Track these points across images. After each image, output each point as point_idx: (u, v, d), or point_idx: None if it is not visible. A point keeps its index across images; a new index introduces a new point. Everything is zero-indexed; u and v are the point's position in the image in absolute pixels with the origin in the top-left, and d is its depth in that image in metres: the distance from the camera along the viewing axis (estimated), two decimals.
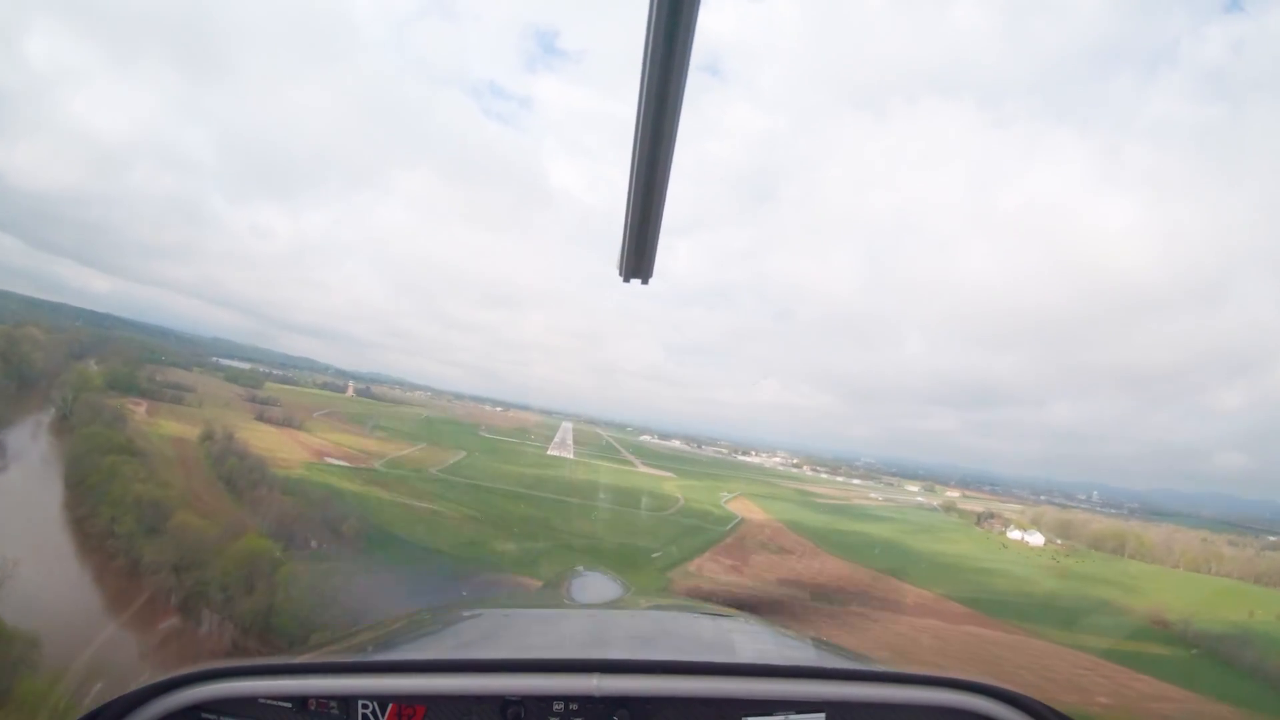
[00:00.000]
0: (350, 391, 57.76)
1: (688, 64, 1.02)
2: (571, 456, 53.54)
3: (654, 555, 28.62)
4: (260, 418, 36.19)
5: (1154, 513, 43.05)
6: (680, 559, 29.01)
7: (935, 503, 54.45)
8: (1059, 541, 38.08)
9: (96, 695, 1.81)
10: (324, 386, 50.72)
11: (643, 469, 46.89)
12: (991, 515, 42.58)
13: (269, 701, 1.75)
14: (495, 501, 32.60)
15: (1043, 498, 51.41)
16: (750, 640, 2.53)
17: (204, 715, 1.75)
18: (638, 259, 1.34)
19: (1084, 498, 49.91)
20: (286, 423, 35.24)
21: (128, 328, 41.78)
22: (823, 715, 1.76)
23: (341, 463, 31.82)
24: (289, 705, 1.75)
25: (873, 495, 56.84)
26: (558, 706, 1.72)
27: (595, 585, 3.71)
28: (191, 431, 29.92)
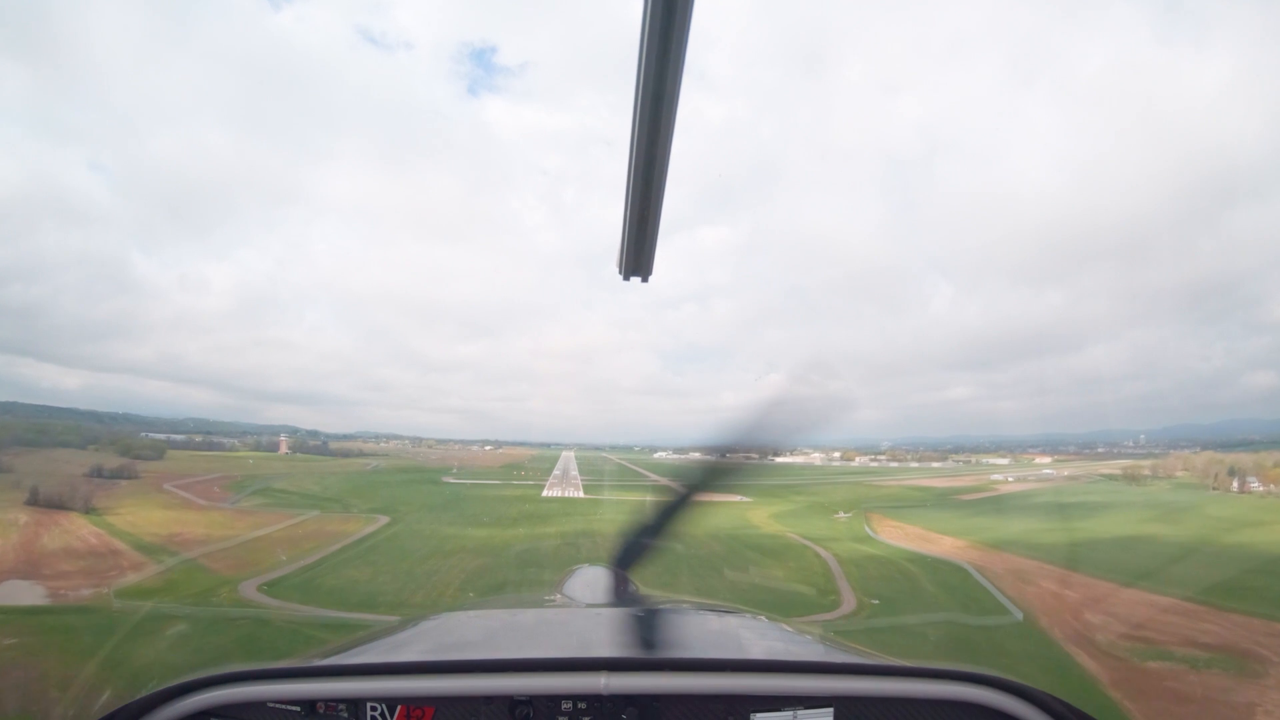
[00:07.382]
0: (284, 449, 46.70)
1: (683, 59, 0.99)
2: (580, 495, 39.55)
3: None
4: (33, 500, 22.45)
5: (1220, 445, 39.07)
6: None
7: (1086, 473, 43.13)
8: None
9: (104, 703, 1.75)
10: (257, 447, 46.23)
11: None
12: (1234, 473, 31.61)
13: (278, 705, 1.74)
14: None
15: (1100, 449, 48.98)
16: (758, 636, 2.40)
17: None
18: (637, 257, 1.35)
19: (1131, 444, 47.32)
20: (67, 504, 21.17)
21: (78, 417, 39.77)
22: (831, 710, 1.72)
23: (33, 589, 16.09)
24: (298, 709, 1.73)
25: (994, 477, 43.24)
26: (566, 705, 1.70)
27: (601, 583, 3.36)
28: None
